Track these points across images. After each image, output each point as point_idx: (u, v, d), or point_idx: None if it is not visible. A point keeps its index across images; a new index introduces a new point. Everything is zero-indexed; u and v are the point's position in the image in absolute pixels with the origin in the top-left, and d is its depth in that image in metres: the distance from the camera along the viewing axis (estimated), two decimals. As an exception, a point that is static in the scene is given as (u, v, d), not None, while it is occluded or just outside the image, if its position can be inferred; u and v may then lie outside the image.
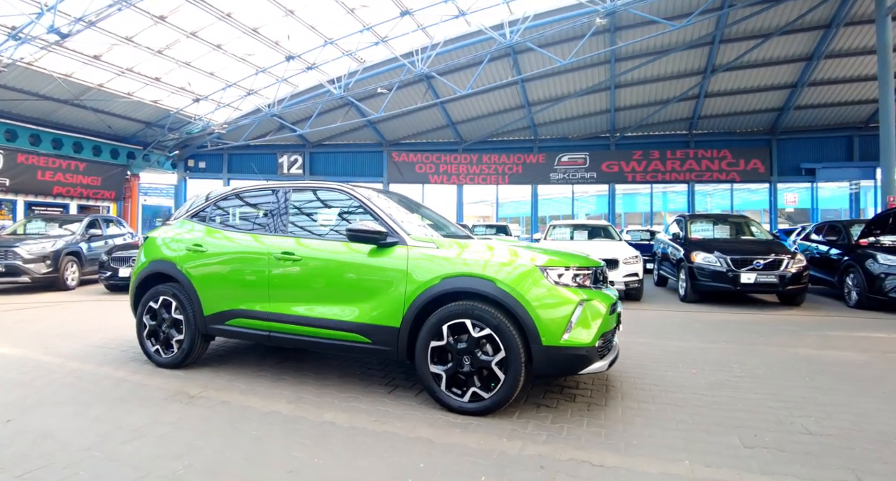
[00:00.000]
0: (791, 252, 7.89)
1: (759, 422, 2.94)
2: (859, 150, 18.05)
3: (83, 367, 3.93)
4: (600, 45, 14.38)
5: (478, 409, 2.93)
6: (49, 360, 4.12)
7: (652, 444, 2.62)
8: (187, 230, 4.03)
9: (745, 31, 13.93)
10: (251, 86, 15.83)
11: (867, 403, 3.29)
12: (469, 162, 20.30)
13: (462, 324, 2.97)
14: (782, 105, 17.29)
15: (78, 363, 4.06)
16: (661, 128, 19.49)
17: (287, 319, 3.46)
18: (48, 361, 4.09)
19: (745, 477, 2.28)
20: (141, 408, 3.02)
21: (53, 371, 3.81)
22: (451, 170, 20.28)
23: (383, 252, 3.26)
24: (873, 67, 14.94)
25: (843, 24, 13.34)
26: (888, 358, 4.57)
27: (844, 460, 2.45)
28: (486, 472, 2.27)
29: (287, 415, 2.95)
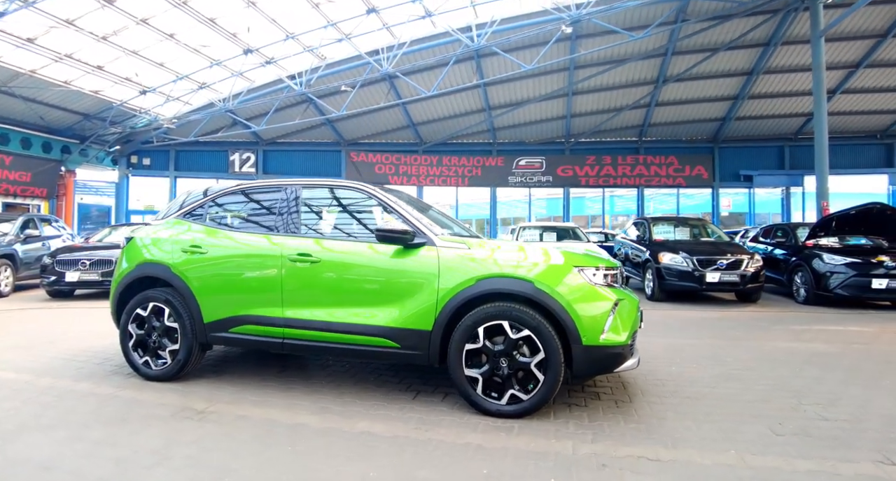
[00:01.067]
0: (749, 252, 8.41)
1: (776, 411, 3.10)
2: (790, 159, 19.60)
3: (58, 384, 3.52)
4: (561, 53, 14.78)
5: (516, 411, 2.89)
6: (12, 377, 3.67)
7: (692, 437, 2.69)
8: (182, 230, 3.71)
9: (695, 44, 14.77)
10: (204, 79, 15.03)
11: (857, 391, 3.54)
12: (429, 163, 20.26)
13: (499, 325, 2.92)
14: (724, 115, 18.48)
15: (49, 379, 3.64)
16: (613, 135, 20.30)
17: (304, 325, 3.25)
18: (11, 378, 3.64)
19: (792, 462, 2.39)
20: (148, 428, 2.74)
21: (22, 389, 3.38)
22: (412, 171, 20.16)
23: (410, 253, 3.15)
24: (804, 84, 16.31)
25: (780, 43, 14.44)
26: (853, 349, 4.95)
27: (868, 443, 2.62)
28: (553, 474, 2.24)
29: (317, 428, 2.78)
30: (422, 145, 20.24)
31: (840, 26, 12.29)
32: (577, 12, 12.01)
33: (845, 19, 11.99)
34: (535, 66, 13.87)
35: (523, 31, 13.35)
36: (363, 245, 3.29)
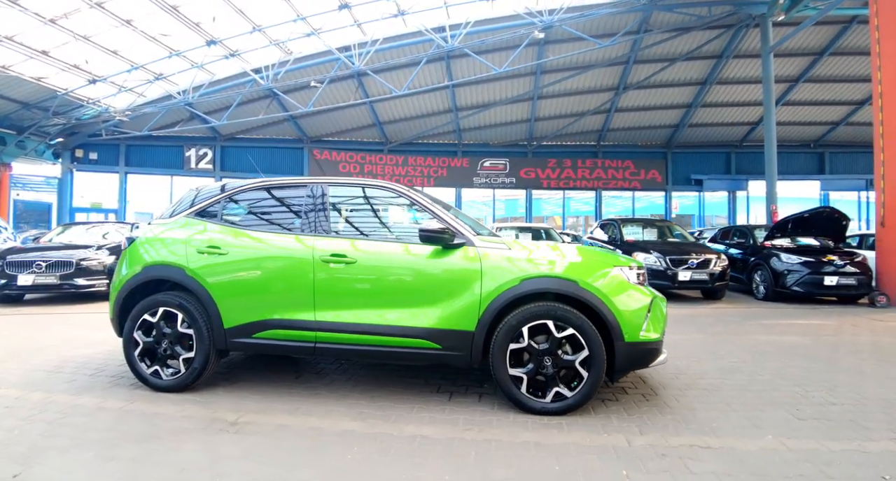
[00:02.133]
0: (716, 252, 8.93)
1: (787, 398, 3.33)
2: (735, 165, 20.92)
3: (55, 399, 3.23)
4: (530, 57, 15.10)
5: (560, 409, 2.96)
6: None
7: (726, 425, 2.85)
8: (197, 230, 3.50)
9: (655, 54, 15.49)
10: (161, 70, 14.24)
11: (845, 378, 3.86)
12: (395, 163, 20.13)
13: (543, 324, 2.97)
14: (678, 122, 19.47)
15: (42, 394, 3.32)
16: (573, 139, 20.93)
17: (339, 327, 3.16)
18: None
19: (824, 444, 2.59)
20: (184, 443, 2.57)
21: (15, 406, 3.08)
22: (377, 170, 19.94)
23: (449, 253, 3.15)
24: (750, 95, 17.48)
25: (731, 56, 15.41)
26: (824, 340, 5.38)
27: (879, 424, 2.88)
28: (623, 466, 2.31)
29: (365, 433, 2.71)
30: (387, 144, 20.08)
31: (783, 44, 13.25)
32: (549, 18, 12.31)
33: (777, 37, 12.97)
34: (506, 69, 14.09)
35: (496, 35, 13.54)
36: (400, 245, 3.25)
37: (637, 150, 21.25)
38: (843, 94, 17.35)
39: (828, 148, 20.20)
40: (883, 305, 7.88)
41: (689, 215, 22.16)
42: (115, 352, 4.47)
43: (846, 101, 17.74)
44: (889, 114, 8.19)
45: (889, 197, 8.18)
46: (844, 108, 18.08)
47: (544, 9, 12.49)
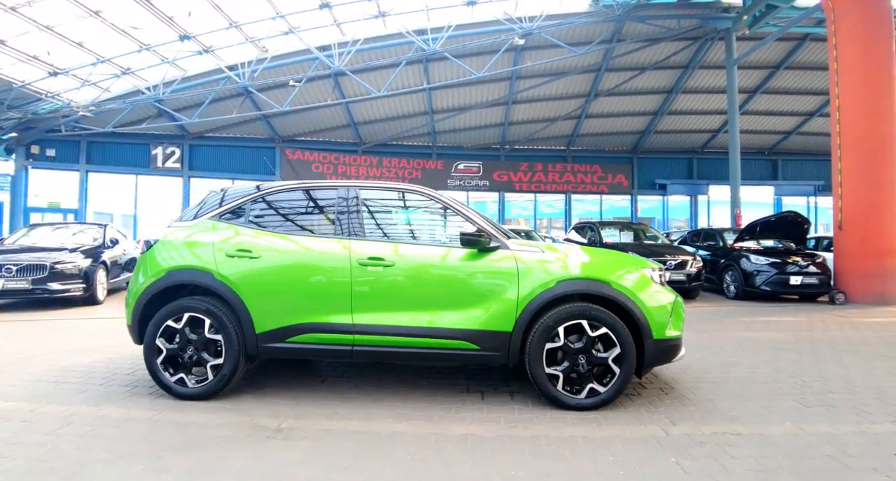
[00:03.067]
0: (692, 254, 9.41)
1: (789, 388, 3.62)
2: (697, 170, 21.94)
3: (75, 410, 3.08)
4: (506, 63, 15.40)
5: (594, 404, 3.11)
6: (5, 407, 3.15)
7: (746, 414, 3.08)
8: (227, 233, 3.42)
9: (626, 63, 16.10)
10: (129, 64, 13.67)
11: (834, 369, 4.20)
12: (369, 164, 20.02)
13: (578, 324, 3.12)
14: (644, 129, 20.26)
15: (56, 406, 3.17)
16: (545, 143, 21.42)
17: (377, 330, 3.19)
18: (6, 408, 3.13)
19: (837, 427, 2.87)
20: (233, 452, 2.51)
21: (33, 420, 2.93)
22: (351, 171, 19.79)
23: (485, 256, 3.25)
24: (712, 104, 18.41)
25: (697, 66, 16.19)
26: (801, 336, 5.79)
27: (876, 408, 3.19)
28: (668, 454, 2.48)
29: (415, 434, 2.76)
30: (361, 145, 19.96)
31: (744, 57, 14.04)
32: (529, 25, 12.61)
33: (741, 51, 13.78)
34: (485, 73, 14.31)
35: (476, 39, 13.74)
36: (436, 248, 3.33)
37: (604, 155, 21.95)
38: (796, 105, 18.53)
39: (780, 155, 21.49)
40: (841, 302, 8.52)
41: (650, 218, 23.06)
42: (117, 360, 4.35)
43: (798, 113, 18.95)
44: (846, 127, 8.86)
45: (846, 203, 8.84)
46: (796, 118, 19.31)
47: (524, 16, 12.78)
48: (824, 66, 16.40)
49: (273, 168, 18.10)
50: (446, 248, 3.33)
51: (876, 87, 8.65)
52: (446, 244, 3.38)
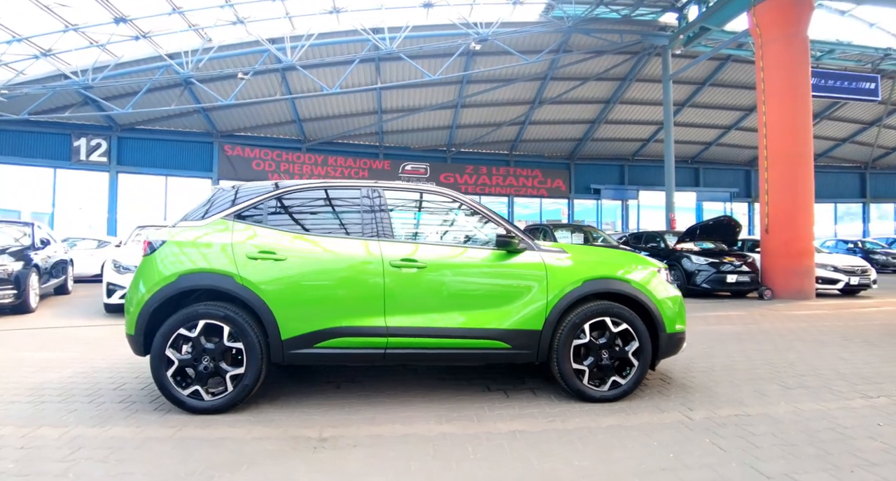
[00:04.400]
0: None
1: (767, 374, 4.05)
2: (628, 177, 23.44)
3: (78, 433, 2.78)
4: (457, 67, 15.63)
5: (617, 395, 3.32)
6: None
7: (746, 398, 3.42)
8: (246, 234, 3.26)
9: (570, 73, 16.91)
10: (51, 45, 12.37)
11: (793, 356, 4.72)
12: (313, 162, 19.48)
13: (602, 321, 3.32)
14: (582, 136, 21.35)
15: (53, 428, 2.84)
16: (490, 147, 21.95)
17: (411, 332, 3.18)
18: None
19: (823, 405, 3.27)
20: (289, 466, 2.37)
21: (32, 445, 2.61)
22: (294, 169, 19.16)
23: (515, 257, 3.36)
24: (644, 114, 19.77)
25: (634, 79, 17.34)
26: (752, 328, 6.43)
27: (845, 387, 3.66)
28: (701, 436, 2.72)
29: (466, 434, 2.78)
30: (306, 142, 19.38)
31: (676, 73, 15.26)
32: (485, 31, 12.91)
33: (675, 68, 14.99)
34: (439, 76, 14.45)
35: (432, 42, 13.85)
36: (465, 249, 3.40)
37: (545, 161, 22.88)
38: (717, 119, 20.36)
39: (702, 164, 23.49)
40: (769, 298, 9.53)
41: (579, 221, 24.33)
42: (92, 374, 4.00)
43: (718, 125, 20.83)
44: (771, 143, 9.92)
45: (772, 209, 9.90)
46: (717, 130, 21.21)
47: (481, 22, 13.06)
48: (743, 84, 18.24)
49: (212, 164, 17.12)
50: (475, 250, 3.41)
51: (795, 109, 9.77)
52: (474, 245, 3.46)
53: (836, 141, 21.77)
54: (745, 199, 24.22)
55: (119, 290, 7.14)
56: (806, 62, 9.88)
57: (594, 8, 13.28)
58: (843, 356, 4.72)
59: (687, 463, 2.41)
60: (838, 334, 5.86)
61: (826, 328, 6.32)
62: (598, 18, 13.94)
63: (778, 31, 9.80)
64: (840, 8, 13.68)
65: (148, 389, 3.63)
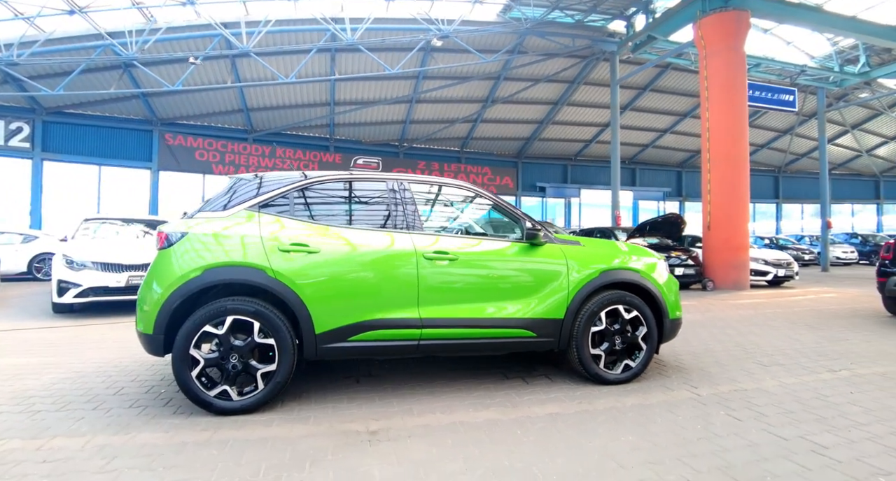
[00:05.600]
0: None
1: (743, 354, 4.51)
2: (571, 175, 24.48)
3: (98, 441, 2.62)
4: (415, 63, 15.65)
5: (628, 377, 3.60)
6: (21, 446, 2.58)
7: (737, 375, 3.81)
8: (275, 226, 3.18)
9: (523, 74, 17.41)
10: (-34, 16, 11.06)
11: (756, 338, 5.25)
12: (261, 154, 18.74)
13: (616, 309, 3.59)
14: (530, 136, 22.03)
15: (64, 439, 2.64)
16: (442, 144, 22.11)
17: (444, 323, 3.26)
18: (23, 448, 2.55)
19: (801, 378, 3.73)
20: (357, 461, 2.39)
21: (55, 458, 2.40)
22: (240, 160, 18.34)
23: (538, 249, 3.54)
24: (589, 117, 20.72)
25: (582, 82, 18.14)
26: (712, 315, 7.02)
27: (814, 363, 4.16)
28: (715, 410, 3.04)
29: (510, 419, 2.91)
30: (252, 133, 18.59)
31: (621, 78, 16.18)
32: (448, 28, 13.03)
33: (622, 73, 15.91)
34: (398, 70, 14.40)
35: (392, 35, 13.77)
36: (492, 242, 3.53)
37: (494, 159, 23.37)
38: (654, 122, 21.74)
39: (638, 165, 24.98)
40: (712, 289, 10.42)
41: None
42: (81, 379, 3.78)
43: (655, 129, 22.24)
44: (713, 146, 10.82)
45: (714, 208, 10.81)
46: (653, 133, 22.64)
47: (444, 19, 13.16)
48: (680, 91, 19.60)
49: (151, 153, 16.02)
50: (500, 242, 3.56)
51: (734, 116, 10.72)
52: (499, 238, 3.61)
53: (757, 146, 23.91)
54: (676, 198, 26.05)
55: (73, 288, 6.63)
56: (744, 73, 10.86)
57: (550, 11, 13.77)
58: (796, 338, 5.34)
59: (717, 433, 2.71)
60: (783, 319, 6.57)
61: (770, 314, 7.06)
62: (553, 22, 14.47)
63: (721, 43, 10.69)
64: (764, 26, 15.08)
65: (153, 392, 3.48)
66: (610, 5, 14.12)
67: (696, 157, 25.03)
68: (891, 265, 6.52)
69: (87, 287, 6.66)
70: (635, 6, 14.10)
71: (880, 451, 2.49)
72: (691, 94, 19.78)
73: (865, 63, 16.25)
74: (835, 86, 17.68)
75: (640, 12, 14.11)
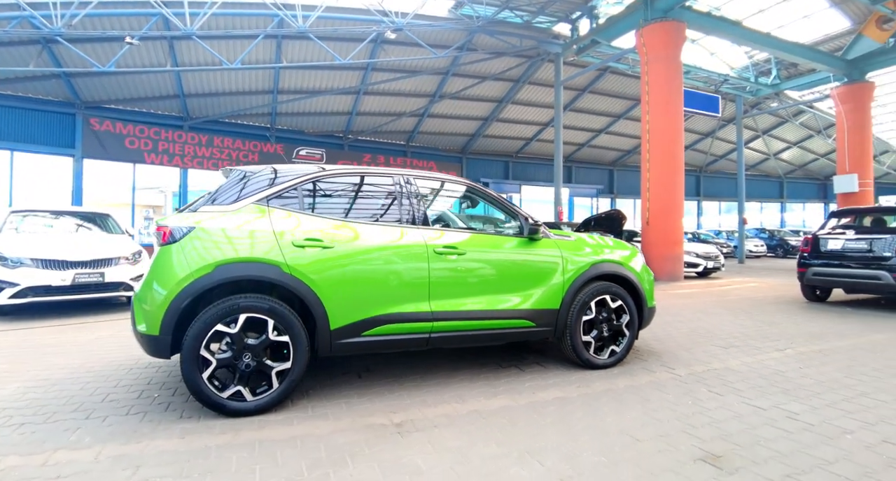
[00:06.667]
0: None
1: (705, 339, 4.97)
2: (512, 172, 25.19)
3: (109, 452, 2.47)
4: (365, 54, 15.44)
5: (613, 362, 3.92)
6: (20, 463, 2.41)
7: (704, 357, 4.24)
8: (288, 221, 3.14)
9: (471, 71, 17.67)
10: None
11: (706, 325, 5.79)
12: (197, 143, 17.69)
13: (603, 299, 3.89)
14: (474, 132, 22.41)
15: (68, 452, 2.49)
16: (388, 137, 21.94)
17: (453, 316, 3.39)
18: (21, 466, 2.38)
19: (770, 355, 4.25)
20: (400, 453, 2.46)
21: (70, 473, 2.26)
22: (175, 150, 17.22)
23: (536, 243, 3.76)
24: (531, 115, 21.41)
25: (527, 82, 18.71)
26: (681, 302, 7.61)
27: (760, 344, 4.69)
28: (696, 387, 3.42)
29: (521, 405, 3.08)
30: (188, 120, 17.50)
31: (564, 79, 16.91)
32: (401, 21, 12.98)
33: (565, 74, 16.63)
34: (348, 60, 14.16)
35: (345, 25, 13.51)
36: (495, 237, 3.70)
37: (440, 154, 23.54)
38: (590, 123, 22.84)
39: (574, 163, 26.16)
40: (651, 280, 11.24)
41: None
42: (50, 388, 3.50)
43: (591, 129, 23.38)
44: (653, 146, 11.64)
45: (652, 204, 11.65)
46: (589, 133, 23.78)
47: (398, 11, 13.08)
48: (616, 93, 20.71)
49: (74, 139, 14.63)
50: (502, 237, 3.74)
51: (671, 119, 11.59)
52: (501, 232, 3.79)
53: (679, 148, 25.80)
54: (608, 195, 27.56)
55: (9, 288, 6.07)
56: (680, 80, 11.75)
57: (500, 10, 14.10)
58: (739, 323, 5.97)
59: (706, 407, 3.06)
60: (722, 307, 7.29)
61: (709, 303, 7.79)
62: (503, 21, 14.82)
63: (661, 51, 11.50)
64: (692, 37, 16.32)
65: (145, 397, 3.32)
66: (556, 8, 14.68)
67: (628, 157, 26.64)
68: (809, 258, 7.42)
69: (26, 287, 6.11)
70: (580, 10, 14.76)
71: (840, 415, 2.94)
72: (627, 97, 21.00)
73: (776, 76, 18.07)
74: (751, 95, 19.49)
75: (585, 16, 14.80)
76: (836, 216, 7.86)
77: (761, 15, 14.84)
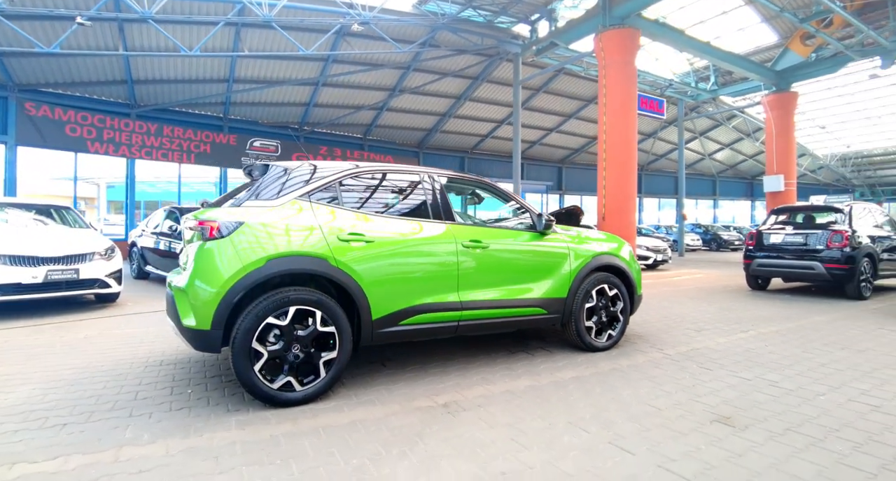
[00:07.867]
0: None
1: (678, 323, 5.53)
2: (467, 168, 25.64)
3: (180, 445, 2.52)
4: (326, 46, 15.26)
5: (610, 345, 4.37)
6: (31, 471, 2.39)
7: (683, 339, 4.78)
8: (330, 216, 3.28)
9: (432, 67, 17.86)
10: None
11: (674, 312, 6.42)
12: (145, 132, 16.78)
13: (602, 288, 4.32)
14: (431, 127, 22.62)
15: (135, 448, 2.53)
16: (345, 130, 21.72)
17: (479, 305, 3.66)
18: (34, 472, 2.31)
19: (729, 338, 4.78)
20: (461, 430, 2.71)
21: (157, 467, 2.31)
22: (121, 138, 16.25)
23: (547, 237, 4.12)
24: (488, 113, 21.92)
25: (485, 80, 19.14)
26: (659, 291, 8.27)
27: (728, 327, 5.29)
28: (686, 365, 3.90)
29: (543, 385, 3.40)
30: (135, 108, 16.56)
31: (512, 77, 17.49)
32: (367, 14, 12.97)
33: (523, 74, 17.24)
34: (312, 51, 13.96)
35: (310, 16, 13.30)
36: (512, 231, 4.02)
37: (396, 148, 23.57)
38: (543, 121, 23.68)
39: (526, 160, 26.94)
40: (609, 272, 12.01)
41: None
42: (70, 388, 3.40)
43: (543, 127, 24.24)
44: (609, 146, 12.38)
45: (608, 201, 12.41)
46: (541, 131, 24.64)
47: (364, 4, 13.05)
48: (569, 94, 21.58)
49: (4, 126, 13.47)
50: (517, 231, 4.06)
51: (626, 121, 12.36)
52: (516, 227, 4.11)
53: (624, 147, 27.26)
54: (557, 192, 28.68)
55: (-21, 286, 5.70)
56: (635, 84, 12.54)
57: (464, 8, 14.38)
58: (702, 309, 6.65)
59: (702, 380, 3.54)
60: (682, 296, 8.02)
61: (669, 293, 8.52)
62: (466, 19, 15.11)
63: (618, 56, 12.23)
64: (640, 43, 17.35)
65: (178, 393, 3.32)
66: (517, 10, 15.15)
67: (576, 155, 27.83)
68: (754, 250, 8.30)
69: (-6, 283, 5.77)
70: (539, 13, 15.31)
71: (810, 381, 3.50)
72: (578, 98, 21.95)
73: (714, 82, 19.56)
74: (691, 99, 20.97)
75: (544, 19, 15.37)
76: (777, 213, 8.81)
77: (702, 25, 16.05)
